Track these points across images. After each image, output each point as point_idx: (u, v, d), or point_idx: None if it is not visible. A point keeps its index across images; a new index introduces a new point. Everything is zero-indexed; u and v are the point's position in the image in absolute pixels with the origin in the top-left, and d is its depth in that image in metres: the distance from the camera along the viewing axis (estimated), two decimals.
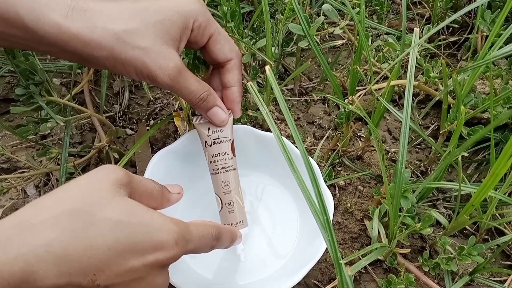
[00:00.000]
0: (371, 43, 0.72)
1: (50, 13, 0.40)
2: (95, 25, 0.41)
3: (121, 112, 0.76)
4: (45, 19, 0.40)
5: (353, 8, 0.61)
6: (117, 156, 0.66)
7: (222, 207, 0.54)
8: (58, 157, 0.63)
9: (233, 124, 0.56)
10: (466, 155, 0.50)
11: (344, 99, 0.59)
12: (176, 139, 0.61)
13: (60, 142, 0.70)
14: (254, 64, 0.74)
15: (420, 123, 0.77)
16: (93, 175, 0.36)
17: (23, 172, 0.67)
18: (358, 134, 0.76)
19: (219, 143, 0.54)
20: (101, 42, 0.42)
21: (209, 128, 0.54)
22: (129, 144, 0.73)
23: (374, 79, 0.62)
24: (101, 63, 0.44)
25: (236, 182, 0.55)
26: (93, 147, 0.66)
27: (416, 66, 0.55)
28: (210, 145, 0.54)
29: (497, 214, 0.60)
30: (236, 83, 0.53)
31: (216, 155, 0.54)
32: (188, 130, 0.63)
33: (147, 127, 0.75)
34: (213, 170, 0.55)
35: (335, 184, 0.67)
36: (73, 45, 0.41)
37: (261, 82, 0.77)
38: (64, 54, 0.45)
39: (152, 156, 0.58)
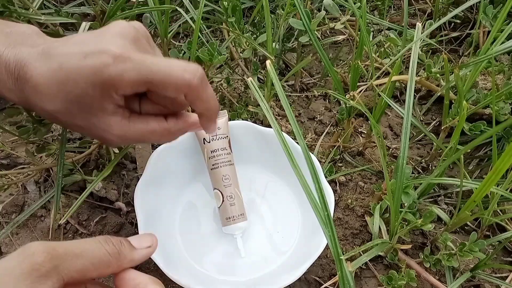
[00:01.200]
0: (373, 38, 0.71)
1: None
2: (34, 103, 0.39)
3: None
4: None
5: (354, 3, 0.61)
6: (117, 151, 0.66)
7: (223, 200, 0.56)
8: (58, 153, 0.63)
9: (234, 120, 0.57)
10: (468, 150, 0.50)
11: (345, 95, 0.59)
12: None
13: (60, 137, 0.70)
14: (255, 59, 0.73)
15: (422, 119, 0.77)
16: (3, 265, 0.28)
17: (23, 168, 0.67)
18: (359, 130, 0.76)
19: (217, 140, 0.57)
20: (44, 116, 0.42)
21: None
22: None
23: (376, 74, 0.62)
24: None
25: (235, 177, 0.58)
26: (92, 142, 0.66)
27: (417, 62, 0.55)
28: (209, 142, 0.57)
29: (498, 210, 0.60)
30: (204, 110, 0.42)
31: (215, 151, 0.56)
32: None
33: None
34: (213, 165, 0.57)
35: (336, 180, 0.67)
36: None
37: (262, 78, 0.77)
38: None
39: (152, 151, 0.58)
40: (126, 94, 0.38)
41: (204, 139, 0.57)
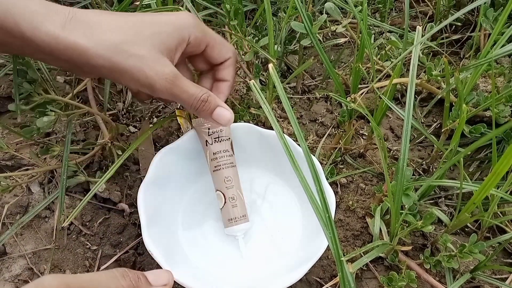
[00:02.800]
0: (374, 41, 0.72)
1: (47, 24, 0.41)
2: (92, 35, 0.42)
3: (125, 110, 0.77)
4: (42, 29, 0.40)
5: (355, 6, 0.61)
6: (120, 153, 0.66)
7: (225, 202, 0.56)
8: (62, 154, 0.64)
9: (236, 122, 0.57)
10: (468, 153, 0.51)
11: (347, 97, 0.59)
12: (179, 137, 0.61)
13: (64, 139, 0.70)
14: (256, 62, 0.74)
15: (422, 121, 0.78)
16: None
17: (27, 169, 0.67)
18: (360, 132, 0.76)
19: (220, 142, 0.57)
20: (98, 51, 0.42)
21: (209, 128, 0.57)
22: (133, 142, 0.73)
23: (377, 77, 0.62)
24: (96, 71, 0.45)
25: (237, 178, 0.58)
26: (96, 144, 0.66)
27: (418, 64, 0.55)
28: (212, 143, 0.57)
29: (498, 212, 0.60)
30: (231, 78, 0.56)
31: (217, 152, 0.57)
32: (191, 128, 0.63)
33: (150, 125, 0.75)
34: (215, 167, 0.57)
35: (337, 182, 0.67)
36: (69, 54, 0.42)
37: (264, 80, 0.77)
38: (58, 62, 0.45)
39: (155, 153, 0.59)
40: (191, 51, 0.51)
41: (206, 141, 0.57)
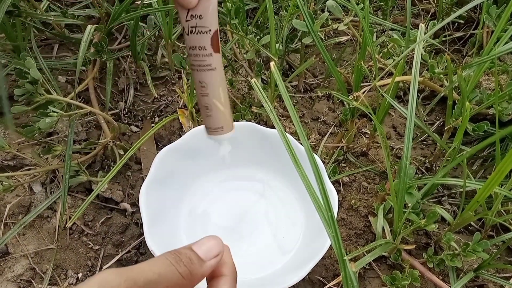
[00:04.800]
0: (376, 39, 0.72)
1: None
2: None
3: (126, 109, 0.77)
4: None
5: (357, 4, 0.61)
6: (122, 153, 0.66)
7: (200, 108, 0.46)
8: (64, 154, 0.64)
9: (238, 121, 0.55)
10: (470, 150, 0.50)
11: (349, 96, 0.59)
12: (181, 136, 0.61)
13: (66, 139, 0.70)
14: (258, 61, 0.74)
15: (425, 119, 0.77)
16: None
17: (29, 169, 0.67)
18: (363, 130, 0.76)
19: (197, 34, 0.43)
20: None
21: (188, 11, 0.42)
22: (135, 141, 0.73)
23: (379, 75, 0.62)
24: None
25: (216, 85, 0.44)
26: (98, 143, 0.66)
27: (421, 62, 0.55)
28: (188, 34, 0.43)
29: (502, 211, 0.60)
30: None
31: (193, 48, 0.43)
32: (193, 127, 0.63)
33: (152, 124, 0.75)
34: (191, 65, 0.44)
35: (340, 181, 0.67)
36: None
37: (266, 79, 0.77)
38: None
39: (157, 153, 0.59)
40: None
41: (183, 28, 0.43)
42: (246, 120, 0.68)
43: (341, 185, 0.67)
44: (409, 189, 0.52)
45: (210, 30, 0.42)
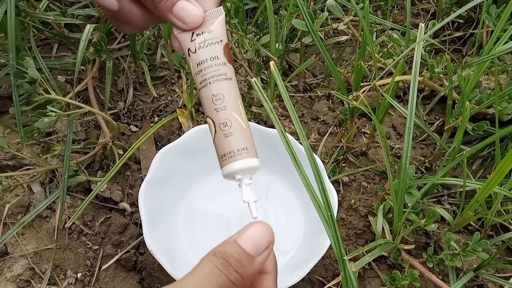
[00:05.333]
0: (376, 38, 0.72)
1: None
2: None
3: (126, 109, 0.76)
4: None
5: (357, 3, 0.61)
6: (121, 152, 0.66)
7: (215, 131, 0.38)
8: (63, 154, 0.64)
9: None
10: (470, 149, 0.50)
11: (349, 95, 0.59)
12: (180, 136, 0.61)
13: (65, 139, 0.70)
14: (258, 60, 0.73)
15: (425, 119, 0.77)
16: None
17: (28, 169, 0.67)
18: (363, 130, 0.76)
19: (207, 46, 0.39)
20: None
21: (193, 33, 0.39)
22: (134, 141, 0.73)
23: (379, 75, 0.62)
24: None
25: (233, 96, 0.38)
26: (97, 143, 0.66)
27: (421, 62, 0.55)
28: (194, 51, 0.39)
29: (502, 210, 0.60)
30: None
31: (203, 62, 0.38)
32: (192, 127, 0.63)
33: (151, 124, 0.75)
34: (200, 83, 0.39)
35: (339, 180, 0.67)
36: None
37: (265, 79, 0.77)
38: None
39: (157, 152, 0.58)
40: None
41: (189, 49, 0.39)
42: None
43: (341, 184, 0.67)
44: (408, 188, 0.52)
45: (221, 41, 0.39)
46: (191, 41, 0.38)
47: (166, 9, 0.36)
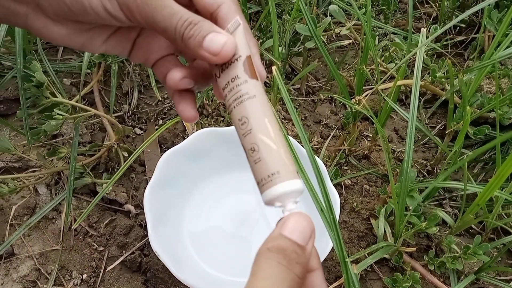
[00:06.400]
0: (378, 43, 0.72)
1: None
2: None
3: (130, 111, 0.77)
4: None
5: (359, 8, 0.61)
6: (126, 155, 0.67)
7: (247, 157, 0.35)
8: (68, 156, 0.64)
9: None
10: (471, 153, 0.51)
11: (351, 99, 0.59)
12: (184, 139, 0.62)
13: (71, 141, 0.71)
14: None
15: (427, 122, 0.78)
16: None
17: (34, 171, 0.68)
18: (365, 133, 0.76)
19: (227, 68, 0.36)
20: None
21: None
22: (139, 144, 0.73)
23: (381, 79, 0.62)
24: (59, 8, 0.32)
25: (259, 115, 0.34)
26: (103, 146, 0.67)
27: (422, 66, 0.55)
28: (219, 75, 0.37)
29: (503, 214, 0.60)
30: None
31: (226, 86, 0.36)
32: (196, 130, 0.64)
33: (156, 127, 0.75)
34: (228, 107, 0.36)
35: (342, 183, 0.68)
36: None
37: (268, 82, 0.78)
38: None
39: (161, 155, 0.59)
40: None
41: (215, 74, 0.37)
42: None
43: (343, 187, 0.68)
44: (410, 192, 0.52)
45: (240, 57, 0.36)
46: (215, 65, 0.36)
47: (197, 43, 0.34)
